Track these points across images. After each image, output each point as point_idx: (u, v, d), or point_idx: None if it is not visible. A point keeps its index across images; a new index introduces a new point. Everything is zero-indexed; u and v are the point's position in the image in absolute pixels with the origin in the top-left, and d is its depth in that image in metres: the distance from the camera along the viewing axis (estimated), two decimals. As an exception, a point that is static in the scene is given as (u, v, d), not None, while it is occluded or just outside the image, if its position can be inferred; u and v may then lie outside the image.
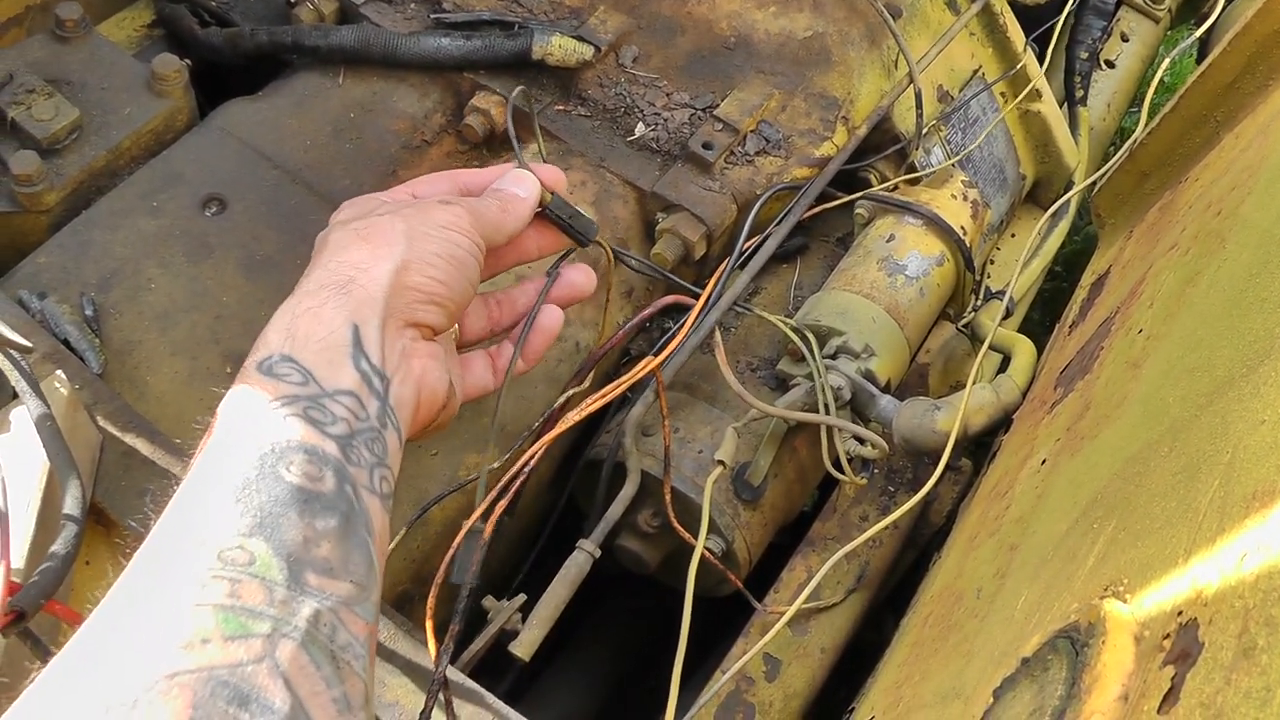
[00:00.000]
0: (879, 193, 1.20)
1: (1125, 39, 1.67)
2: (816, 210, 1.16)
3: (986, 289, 1.34)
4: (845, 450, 1.07)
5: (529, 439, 1.02)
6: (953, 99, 1.35)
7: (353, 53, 1.20)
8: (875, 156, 1.25)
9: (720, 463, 1.03)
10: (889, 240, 1.16)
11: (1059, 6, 1.54)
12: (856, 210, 1.20)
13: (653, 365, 0.86)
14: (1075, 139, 1.52)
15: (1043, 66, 1.46)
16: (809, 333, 1.07)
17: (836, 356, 1.08)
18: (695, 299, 0.97)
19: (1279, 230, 0.78)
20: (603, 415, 1.02)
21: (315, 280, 0.66)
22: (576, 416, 0.83)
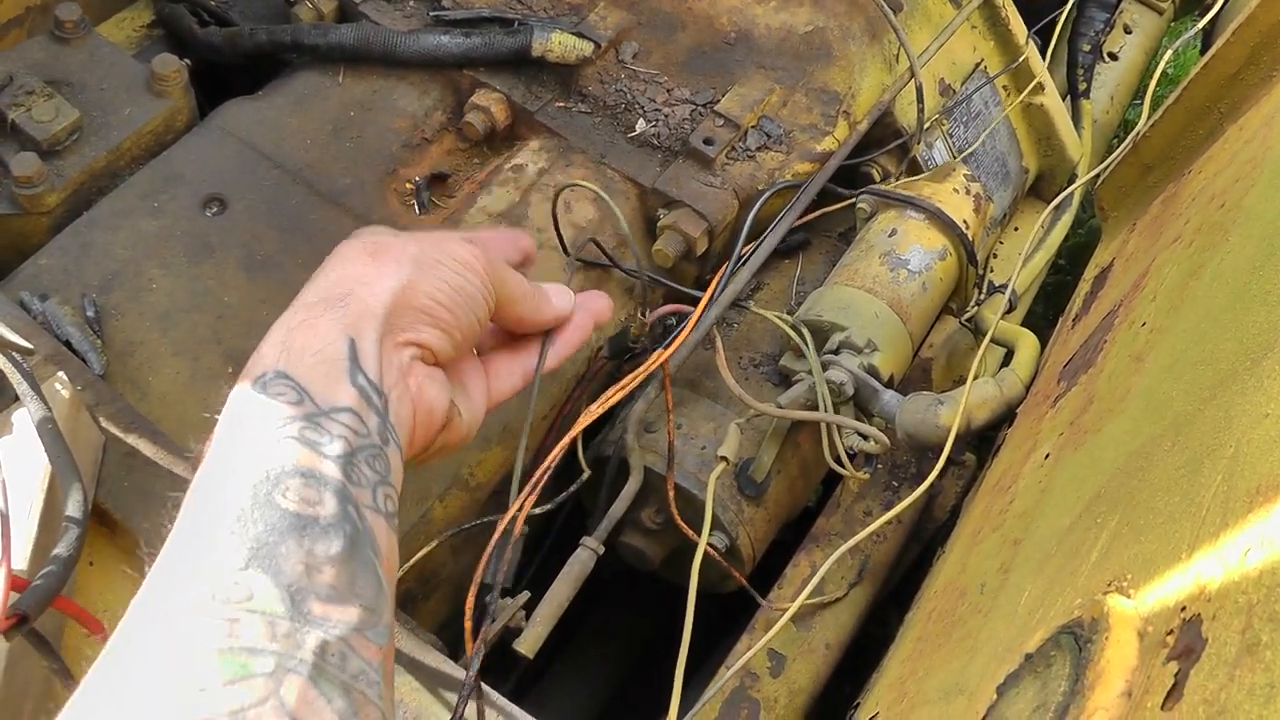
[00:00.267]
0: (881, 187, 1.20)
1: (1128, 31, 1.66)
2: (816, 215, 1.16)
3: (990, 283, 1.34)
4: (848, 446, 1.07)
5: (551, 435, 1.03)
6: (955, 92, 1.34)
7: (352, 51, 1.19)
8: (877, 151, 1.25)
9: (723, 459, 1.03)
10: (891, 235, 1.16)
11: (1061, -1, 1.53)
12: (858, 205, 1.20)
13: (662, 359, 0.86)
14: (1078, 132, 1.51)
15: (1045, 59, 1.46)
16: (807, 329, 1.06)
17: (839, 352, 1.08)
18: (696, 300, 0.96)
19: (1284, 220, 0.77)
20: (605, 414, 1.01)
21: (314, 292, 0.63)
22: (598, 410, 0.83)
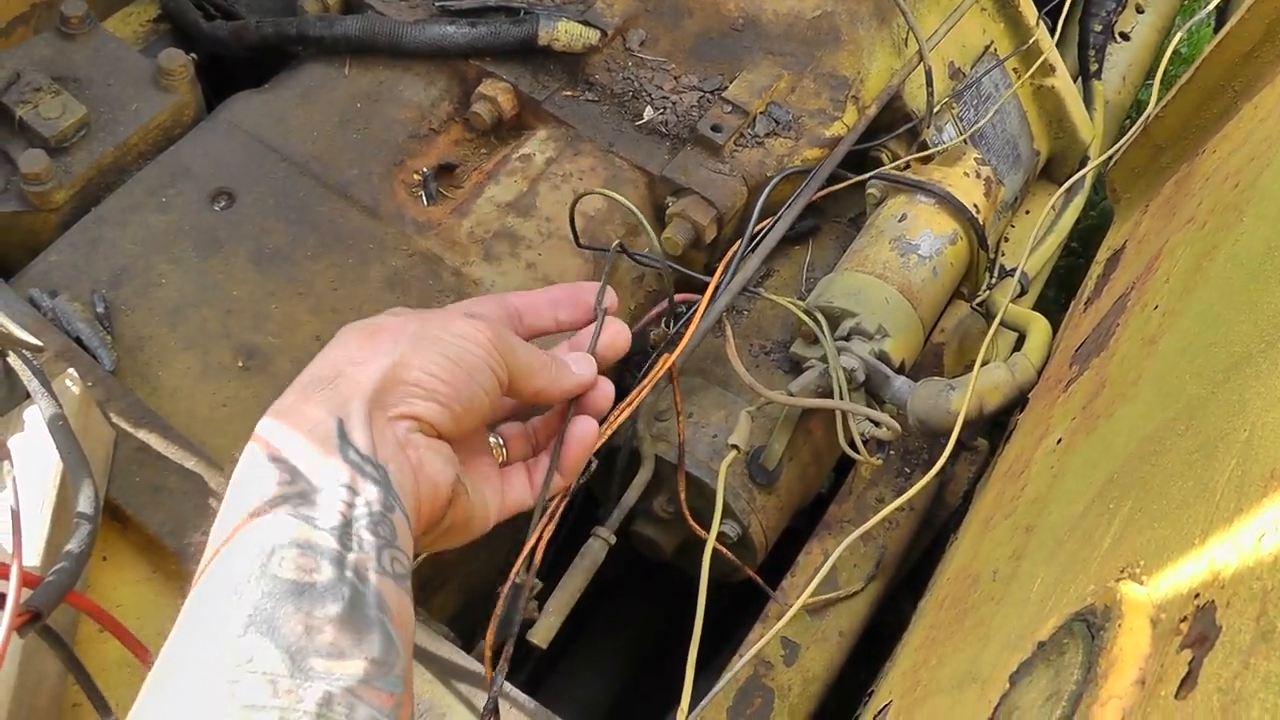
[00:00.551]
0: (890, 172, 1.19)
1: (1140, 10, 1.64)
2: (827, 191, 1.15)
3: (1001, 267, 1.33)
4: (860, 431, 1.06)
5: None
6: (965, 76, 1.33)
7: (358, 42, 1.19)
8: (887, 136, 1.24)
9: (734, 447, 1.03)
10: (901, 220, 1.15)
11: (1072, -21, 1.52)
12: (868, 190, 1.19)
13: (668, 363, 0.86)
14: (1090, 113, 1.50)
15: (1055, 40, 1.44)
16: (821, 315, 1.06)
17: (850, 338, 1.08)
18: (704, 287, 0.96)
19: (1299, 200, 0.76)
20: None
21: (307, 374, 0.66)
22: (607, 431, 0.82)
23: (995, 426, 1.25)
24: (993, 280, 1.29)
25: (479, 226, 1.10)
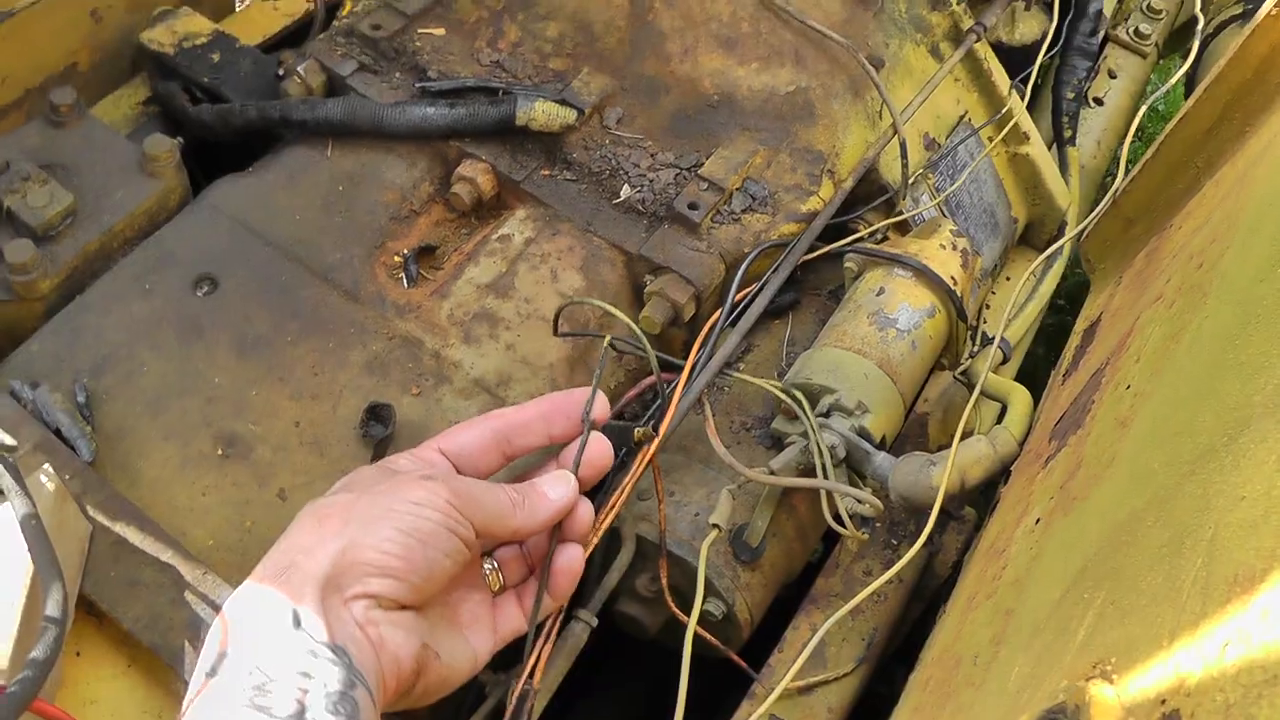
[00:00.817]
0: (867, 245, 1.20)
1: (1113, 76, 1.67)
2: (806, 259, 1.16)
3: (983, 334, 1.34)
4: (845, 506, 1.06)
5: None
6: (940, 146, 1.35)
7: (340, 125, 1.21)
8: (864, 208, 1.26)
9: (715, 526, 1.03)
10: (879, 294, 1.16)
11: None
12: (846, 264, 1.20)
13: (648, 457, 0.88)
14: (1066, 179, 1.52)
15: (1029, 107, 1.46)
16: (799, 392, 1.06)
17: (830, 414, 1.08)
18: (681, 369, 0.97)
19: (1258, 288, 0.76)
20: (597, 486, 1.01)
21: (263, 567, 0.69)
22: (594, 539, 0.86)
23: (986, 494, 1.25)
24: (975, 349, 1.29)
25: (459, 308, 1.11)
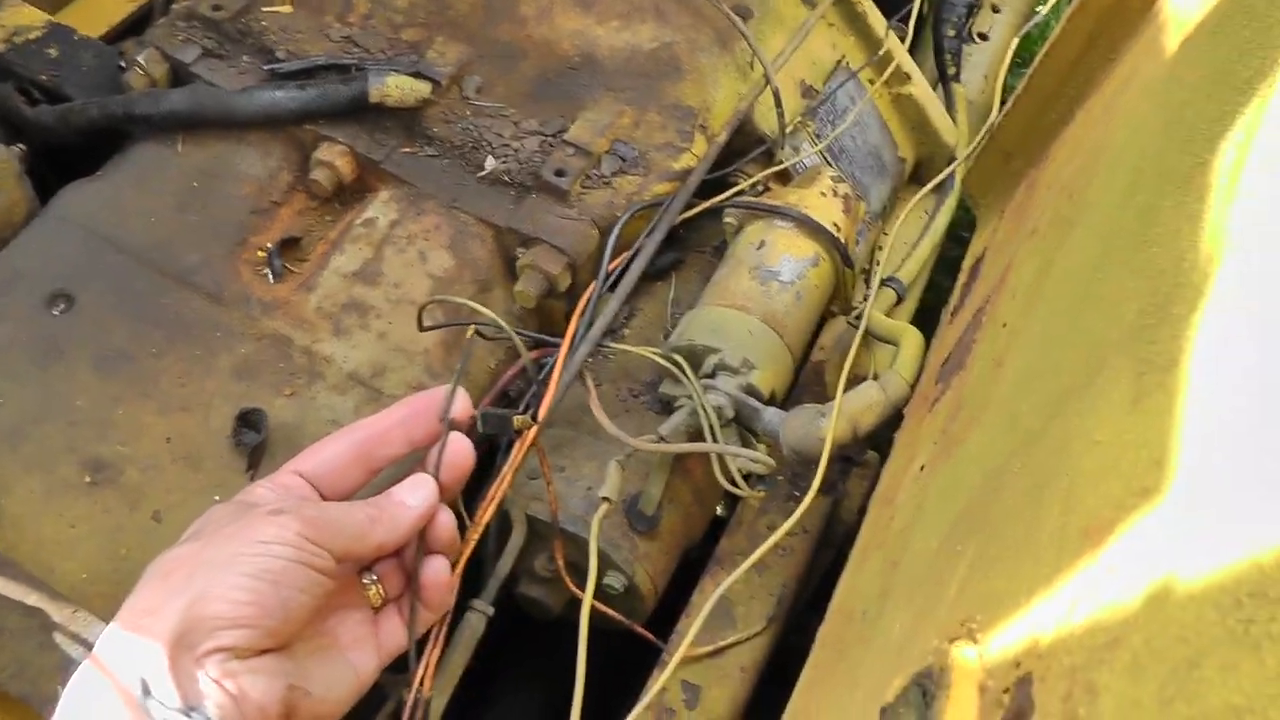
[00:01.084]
0: (746, 199, 1.17)
1: (996, 10, 1.65)
2: (684, 217, 1.13)
3: (880, 278, 1.33)
4: (738, 466, 1.05)
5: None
6: (817, 92, 1.32)
7: (187, 117, 1.14)
8: (742, 161, 1.23)
9: (606, 499, 1.01)
10: (760, 247, 1.13)
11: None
12: (725, 219, 1.17)
13: (530, 440, 0.87)
14: (953, 116, 1.50)
15: (910, 48, 1.44)
16: (680, 356, 1.04)
17: (715, 375, 1.06)
18: (558, 344, 0.94)
19: (1122, 216, 0.75)
20: (484, 471, 0.99)
21: (110, 633, 0.68)
22: (474, 536, 0.85)
23: (887, 442, 1.24)
24: (868, 292, 1.28)
25: (327, 300, 1.06)
